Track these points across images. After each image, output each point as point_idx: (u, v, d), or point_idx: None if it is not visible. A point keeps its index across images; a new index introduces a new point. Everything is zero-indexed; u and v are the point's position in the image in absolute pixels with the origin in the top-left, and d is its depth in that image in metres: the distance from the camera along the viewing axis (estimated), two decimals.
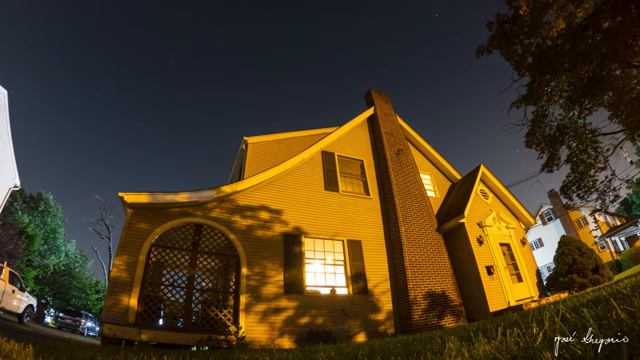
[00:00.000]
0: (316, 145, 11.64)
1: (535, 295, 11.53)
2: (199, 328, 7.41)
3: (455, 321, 9.64)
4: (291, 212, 9.96)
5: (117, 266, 7.28)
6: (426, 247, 10.76)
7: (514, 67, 11.86)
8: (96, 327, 24.12)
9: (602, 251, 30.74)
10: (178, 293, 7.75)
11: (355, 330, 8.86)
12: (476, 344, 2.03)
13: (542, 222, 38.19)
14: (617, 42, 9.26)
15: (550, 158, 12.01)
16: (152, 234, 7.91)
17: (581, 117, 12.15)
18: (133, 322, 6.80)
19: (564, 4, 11.74)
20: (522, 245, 12.39)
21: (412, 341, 3.77)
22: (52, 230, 34.55)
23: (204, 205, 8.80)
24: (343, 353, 3.40)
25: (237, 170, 13.05)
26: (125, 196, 7.74)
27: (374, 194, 12.06)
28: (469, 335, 2.82)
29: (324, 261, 9.83)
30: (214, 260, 8.54)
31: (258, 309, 8.05)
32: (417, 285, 9.77)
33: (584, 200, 12.45)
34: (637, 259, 20.32)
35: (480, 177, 13.04)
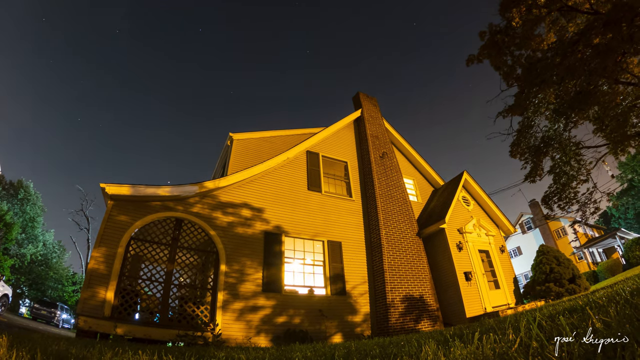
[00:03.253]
0: (301, 144, 11.88)
1: (512, 302, 11.96)
2: (176, 324, 7.54)
3: (431, 325, 9.96)
4: (273, 210, 10.18)
5: (95, 258, 7.35)
6: (406, 250, 11.09)
7: (503, 77, 12.21)
8: (71, 320, 24.01)
9: (579, 262, 31.82)
10: (155, 288, 7.87)
11: (332, 331, 9.13)
12: (452, 348, 2.07)
13: (521, 231, 39.53)
14: (606, 58, 9.51)
15: (534, 168, 12.40)
16: (132, 226, 8.00)
17: (566, 130, 12.55)
18: (109, 316, 6.88)
19: (557, 18, 12.12)
20: (501, 253, 12.83)
21: (388, 344, 3.80)
22: (30, 219, 34.19)
23: (185, 200, 8.92)
24: (319, 353, 3.43)
25: (221, 166, 13.20)
26: (107, 187, 7.81)
27: (356, 195, 12.36)
28: (445, 340, 2.88)
29: (304, 261, 10.09)
30: (193, 256, 8.66)
31: (235, 307, 8.23)
32: (395, 289, 10.08)
33: (565, 211, 12.89)
34: (613, 271, 21.10)
35: (463, 184, 13.46)
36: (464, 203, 13.10)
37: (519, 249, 39.65)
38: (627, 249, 21.04)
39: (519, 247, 39.67)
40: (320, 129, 13.04)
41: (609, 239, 29.14)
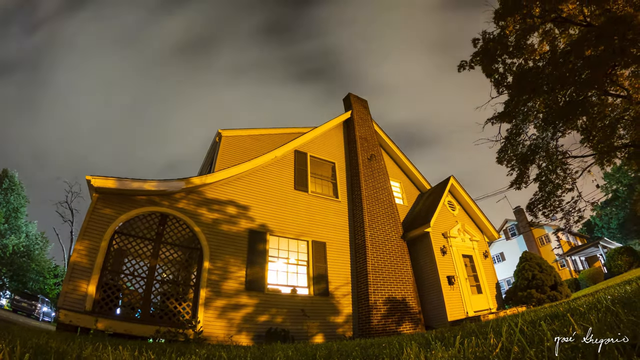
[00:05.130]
0: (290, 143, 12.03)
1: (494, 307, 12.26)
2: (157, 320, 7.56)
3: (413, 328, 10.20)
4: (259, 208, 10.31)
5: (78, 251, 7.34)
6: (390, 253, 11.32)
7: (494, 84, 12.47)
8: (52, 313, 23.87)
9: (562, 269, 32.50)
10: (138, 283, 7.89)
11: (313, 332, 9.31)
12: (434, 351, 2.08)
13: (505, 237, 40.28)
14: (597, 70, 9.75)
15: (520, 175, 12.70)
16: (116, 220, 8.01)
17: (554, 139, 12.82)
18: (90, 310, 6.89)
19: (550, 29, 12.37)
20: (484, 258, 13.15)
21: (370, 345, 3.82)
22: (14, 209, 33.84)
23: (171, 195, 8.98)
24: (301, 353, 3.43)
25: (208, 163, 13.23)
26: (93, 180, 7.78)
27: (342, 197, 12.58)
28: (427, 342, 2.91)
29: (288, 260, 10.25)
30: (177, 252, 8.74)
31: (217, 304, 8.34)
32: (378, 290, 10.30)
33: (549, 218, 13.22)
34: (595, 279, 21.70)
35: (449, 189, 13.76)
36: (449, 208, 13.39)
37: (502, 254, 40.45)
38: (609, 258, 21.63)
39: (502, 253, 40.48)
40: (309, 129, 13.20)
41: (591, 247, 29.89)
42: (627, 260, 20.32)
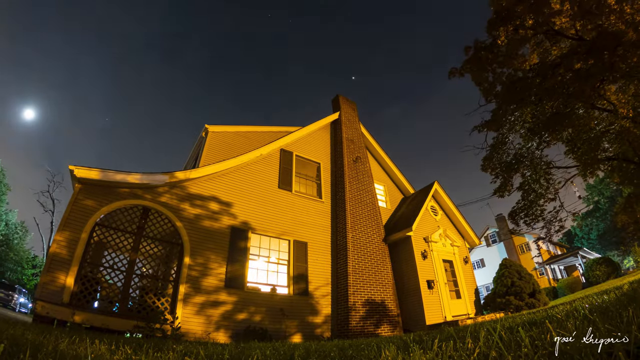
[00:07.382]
0: (276, 142, 12.23)
1: (472, 312, 12.63)
2: (135, 314, 7.63)
3: (391, 330, 10.50)
4: (241, 206, 10.49)
5: (57, 242, 7.38)
6: (371, 255, 11.61)
7: (483, 92, 12.73)
8: (29, 304, 23.72)
9: (540, 277, 33.32)
10: (117, 277, 7.95)
11: (291, 331, 9.54)
12: (412, 353, 2.10)
13: (486, 244, 41.42)
14: (585, 83, 9.94)
15: (504, 184, 13.05)
16: (98, 212, 8.06)
17: (539, 149, 13.20)
18: (68, 302, 6.93)
19: (541, 41, 12.66)
20: (464, 264, 13.53)
21: (348, 346, 3.86)
22: None
23: (154, 189, 9.07)
24: (279, 352, 3.45)
25: (193, 158, 13.32)
26: (76, 170, 7.84)
27: (326, 197, 12.85)
28: (405, 345, 2.92)
29: (268, 259, 10.46)
30: (158, 247, 8.80)
31: (196, 301, 8.48)
32: (357, 292, 10.57)
33: (531, 227, 13.61)
34: (573, 288, 22.40)
35: (433, 194, 14.11)
36: (432, 212, 13.73)
37: (482, 261, 41.49)
38: (588, 268, 22.32)
39: (482, 259, 41.52)
40: (296, 128, 13.39)
41: (571, 257, 30.68)
42: (606, 271, 20.98)
